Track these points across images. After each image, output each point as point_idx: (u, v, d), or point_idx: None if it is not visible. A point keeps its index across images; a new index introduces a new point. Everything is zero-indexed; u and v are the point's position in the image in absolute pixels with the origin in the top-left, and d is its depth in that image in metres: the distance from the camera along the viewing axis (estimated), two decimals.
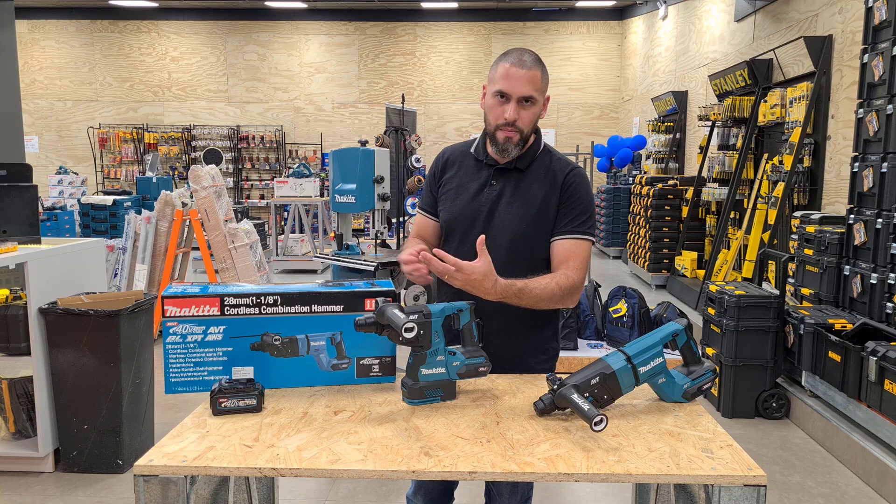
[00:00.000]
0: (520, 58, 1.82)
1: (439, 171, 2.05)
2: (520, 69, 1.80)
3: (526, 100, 1.83)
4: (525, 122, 1.85)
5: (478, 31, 13.55)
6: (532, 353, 1.99)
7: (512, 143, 1.86)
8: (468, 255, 1.78)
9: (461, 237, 1.95)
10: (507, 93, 1.82)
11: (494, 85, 1.85)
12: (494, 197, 1.92)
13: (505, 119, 1.83)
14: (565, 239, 1.88)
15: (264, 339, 1.71)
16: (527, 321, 1.94)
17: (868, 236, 3.98)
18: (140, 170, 13.76)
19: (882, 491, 3.24)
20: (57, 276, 3.34)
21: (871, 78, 4.04)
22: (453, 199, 1.98)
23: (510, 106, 1.82)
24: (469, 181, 1.97)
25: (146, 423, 3.47)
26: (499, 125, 1.85)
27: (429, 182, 2.07)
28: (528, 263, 1.88)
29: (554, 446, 1.42)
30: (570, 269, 1.84)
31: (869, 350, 3.40)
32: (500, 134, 1.86)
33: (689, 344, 1.73)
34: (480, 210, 1.92)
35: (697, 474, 1.31)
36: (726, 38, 7.94)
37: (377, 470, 1.33)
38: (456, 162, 2.03)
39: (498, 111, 1.85)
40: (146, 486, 1.34)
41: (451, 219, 1.97)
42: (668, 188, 8.15)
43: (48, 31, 13.77)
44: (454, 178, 2.00)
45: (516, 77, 1.80)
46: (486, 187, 1.94)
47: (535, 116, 1.87)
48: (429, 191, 2.07)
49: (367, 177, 4.09)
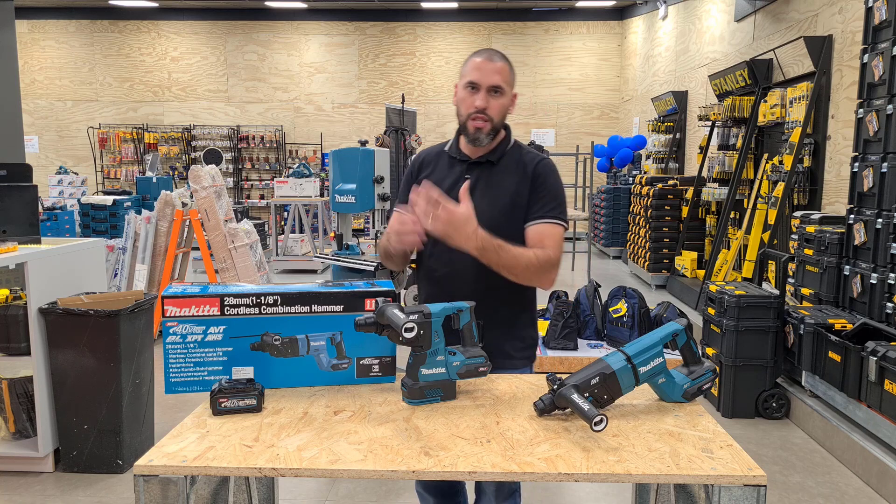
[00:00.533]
0: (489, 54, 1.97)
1: (416, 171, 2.16)
2: (489, 62, 1.94)
3: (495, 90, 1.94)
4: (494, 111, 1.95)
5: (478, 31, 13.55)
6: (509, 339, 2.04)
7: (483, 132, 1.96)
8: (444, 251, 1.90)
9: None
10: (477, 83, 1.94)
11: (465, 78, 1.97)
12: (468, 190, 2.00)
13: (475, 107, 1.94)
14: (538, 223, 1.97)
15: (264, 339, 1.71)
16: (506, 307, 2.01)
17: (868, 236, 3.98)
18: (140, 170, 13.76)
19: (882, 491, 3.24)
20: (57, 276, 3.34)
21: (871, 78, 4.04)
22: None
23: (480, 94, 1.94)
24: (445, 177, 2.07)
25: (146, 423, 3.47)
26: (470, 114, 1.96)
27: (406, 182, 2.17)
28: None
29: (554, 446, 1.42)
30: (547, 247, 1.92)
31: (869, 350, 3.40)
32: (472, 124, 1.96)
33: (689, 344, 1.73)
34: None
35: (697, 474, 1.31)
36: (726, 38, 7.94)
37: (377, 470, 1.33)
38: (431, 162, 2.14)
39: (469, 101, 1.96)
40: (146, 486, 1.34)
41: None
42: (668, 188, 8.15)
43: (48, 31, 13.77)
44: (431, 176, 2.09)
45: (485, 68, 1.93)
46: (460, 181, 2.02)
47: (504, 108, 1.98)
48: (406, 190, 2.15)
49: (367, 177, 4.09)
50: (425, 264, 2.10)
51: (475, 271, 1.92)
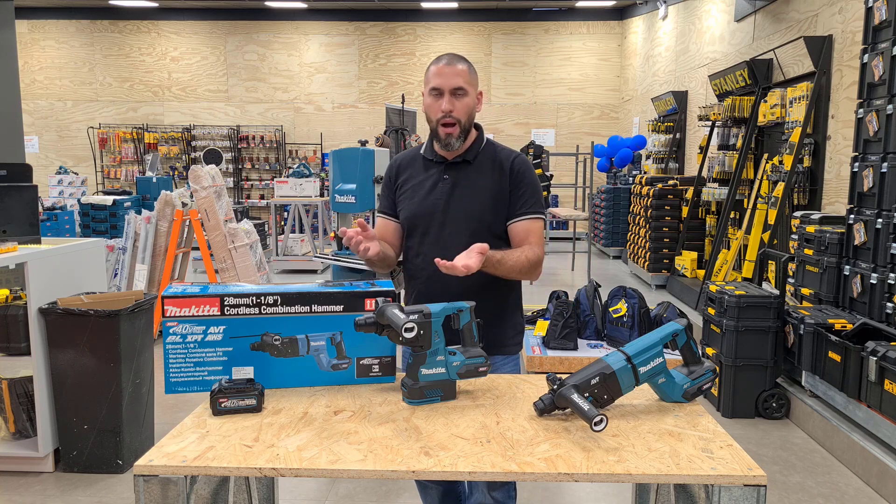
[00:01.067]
0: (448, 58, 2.04)
1: (394, 175, 2.22)
2: (448, 66, 2.02)
3: (458, 91, 2.01)
4: (460, 112, 2.02)
5: (478, 31, 13.55)
6: (500, 327, 2.14)
7: (453, 136, 2.04)
8: (432, 245, 2.05)
9: (423, 230, 2.12)
10: (439, 87, 2.01)
11: (429, 84, 2.04)
12: (448, 189, 2.10)
13: (442, 111, 2.01)
14: (522, 220, 2.08)
15: (264, 339, 1.71)
16: (494, 299, 2.10)
17: (868, 236, 3.98)
18: (140, 170, 13.76)
19: (882, 491, 3.24)
20: (57, 276, 3.34)
21: (871, 78, 4.04)
22: (411, 198, 2.15)
23: (444, 98, 2.01)
24: (423, 179, 2.15)
25: (146, 423, 3.47)
26: (438, 120, 2.03)
27: (386, 187, 2.24)
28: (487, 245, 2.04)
29: (554, 446, 1.42)
30: (534, 245, 2.05)
31: (869, 350, 3.40)
32: (442, 130, 2.04)
33: (689, 344, 1.73)
34: (437, 203, 2.09)
35: (697, 474, 1.31)
36: (726, 38, 7.94)
37: (377, 470, 1.33)
38: (408, 165, 2.20)
39: (435, 107, 2.03)
40: (146, 486, 1.34)
41: (411, 215, 2.13)
42: (668, 188, 8.15)
43: (48, 31, 13.77)
44: (409, 180, 2.17)
45: (446, 73, 2.01)
46: (439, 182, 2.11)
47: (471, 108, 2.05)
48: (386, 195, 2.24)
49: (367, 177, 4.09)
50: (412, 263, 2.16)
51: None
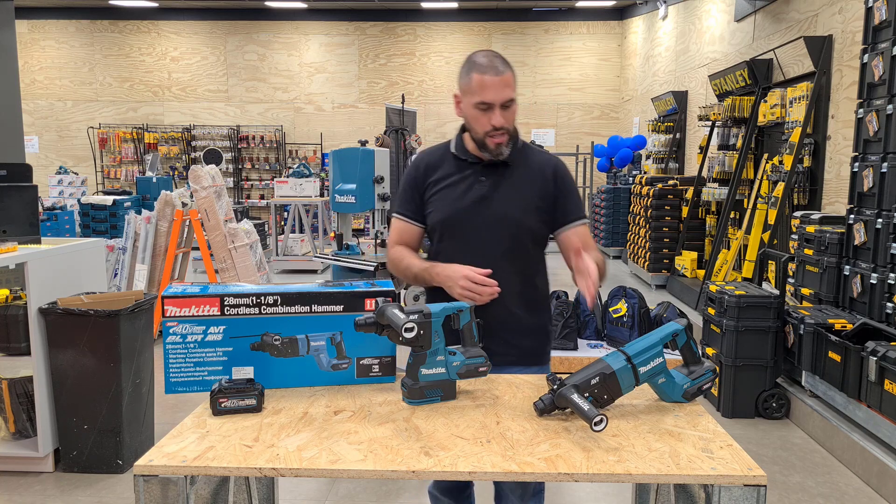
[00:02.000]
0: (492, 65, 1.87)
1: (421, 175, 2.07)
2: (495, 76, 1.86)
3: (508, 104, 1.90)
4: (510, 121, 1.94)
5: (478, 31, 13.54)
6: (539, 338, 2.07)
7: (503, 146, 1.95)
8: (469, 251, 1.94)
9: (459, 235, 2.00)
10: (490, 102, 1.88)
11: (474, 97, 1.89)
12: (487, 192, 1.98)
13: (493, 126, 1.90)
14: (574, 227, 2.02)
15: (264, 339, 1.71)
16: (530, 309, 2.03)
17: (868, 236, 3.98)
18: (140, 170, 13.76)
19: (882, 491, 3.24)
20: (57, 276, 3.34)
21: (871, 78, 4.04)
22: (444, 200, 2.01)
23: (495, 114, 1.89)
24: (458, 180, 2.02)
25: (146, 423, 3.47)
26: (487, 132, 1.91)
27: (410, 188, 2.08)
28: (525, 253, 2.01)
29: (554, 446, 1.42)
30: (594, 249, 1.98)
31: (869, 350, 3.40)
32: (491, 141, 1.93)
33: (689, 344, 1.73)
34: (476, 206, 1.98)
35: (697, 474, 1.31)
36: (726, 38, 7.94)
37: (377, 470, 1.33)
38: (438, 165, 2.06)
39: (483, 120, 1.91)
40: (146, 486, 1.34)
41: (446, 218, 2.01)
42: (668, 188, 8.15)
43: (48, 31, 13.77)
44: (441, 180, 2.04)
45: (493, 86, 1.86)
46: (475, 184, 1.99)
47: (515, 113, 1.97)
48: (410, 197, 2.08)
49: (367, 177, 4.09)
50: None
51: (501, 274, 1.90)
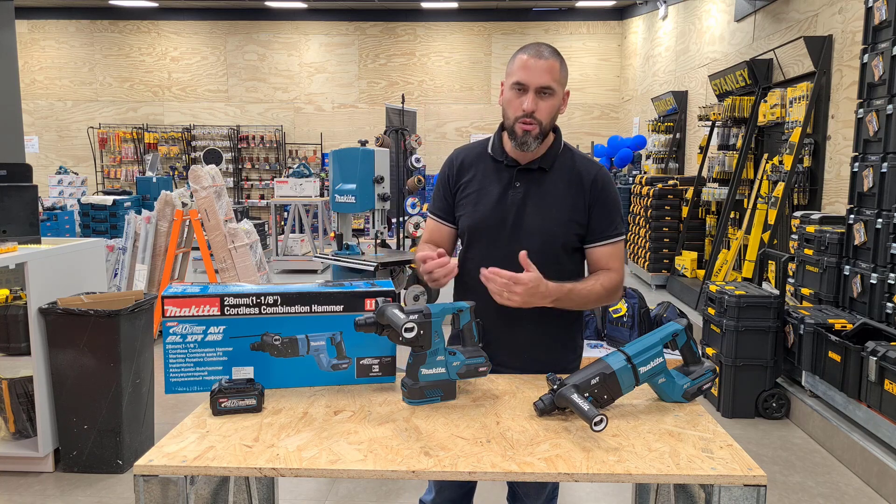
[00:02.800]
0: (537, 49, 1.80)
1: (454, 174, 1.97)
2: (537, 59, 1.78)
3: (544, 91, 1.79)
4: (543, 113, 1.80)
5: (478, 31, 13.55)
6: (567, 351, 2.00)
7: (531, 136, 1.81)
8: (495, 260, 1.78)
9: (488, 243, 1.91)
10: (524, 83, 1.78)
11: (512, 77, 1.81)
12: (520, 200, 1.88)
13: (523, 110, 1.79)
14: (604, 245, 1.90)
15: (264, 339, 1.71)
16: (557, 324, 1.93)
17: (868, 236, 3.98)
18: (140, 170, 13.76)
19: (882, 491, 3.24)
20: (57, 276, 3.34)
21: (871, 78, 4.04)
22: (475, 204, 1.92)
23: (528, 97, 1.79)
24: (490, 184, 1.91)
25: (146, 423, 3.47)
26: (517, 117, 1.81)
27: (442, 186, 1.99)
28: (557, 264, 1.88)
29: (554, 446, 1.42)
30: (613, 271, 1.89)
31: (869, 350, 3.40)
32: (519, 127, 1.81)
33: (689, 344, 1.73)
34: (507, 214, 1.88)
35: (697, 474, 1.30)
36: (726, 38, 7.94)
37: (377, 470, 1.33)
38: (472, 164, 1.96)
39: (516, 103, 1.81)
40: (146, 486, 1.34)
41: (475, 224, 1.92)
42: (668, 188, 8.15)
43: (48, 31, 13.77)
44: (473, 182, 1.93)
45: (534, 67, 1.77)
46: (509, 190, 1.89)
47: (555, 109, 1.83)
48: (442, 195, 1.99)
49: (367, 177, 4.09)
50: (471, 276, 1.90)
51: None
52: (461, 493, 2.09)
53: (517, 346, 1.92)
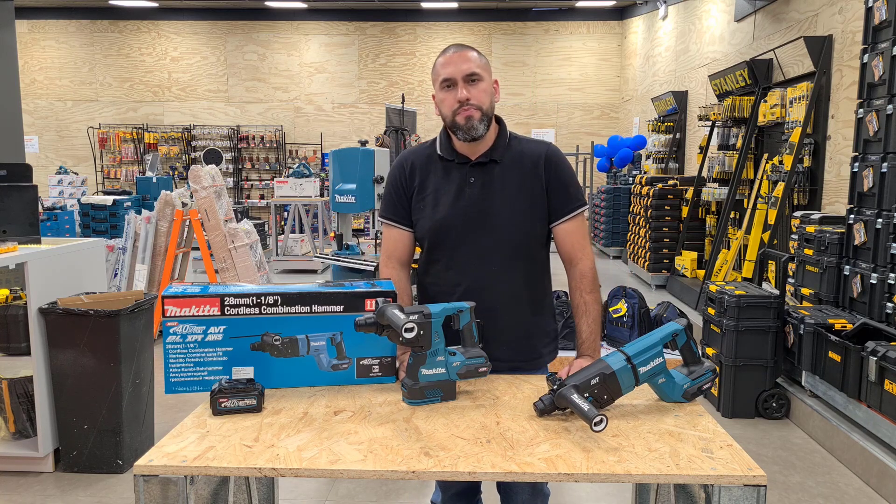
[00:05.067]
0: (454, 48, 1.86)
1: (407, 178, 1.96)
2: (456, 54, 1.84)
3: (471, 77, 1.83)
4: (479, 98, 1.83)
5: (478, 31, 13.54)
6: (539, 337, 2.02)
7: (475, 119, 1.83)
8: (463, 260, 1.87)
9: (454, 242, 1.91)
10: (450, 77, 1.83)
11: (438, 79, 1.85)
12: (477, 195, 1.89)
13: (458, 101, 1.82)
14: (567, 221, 1.93)
15: (264, 339, 1.71)
16: (531, 309, 1.97)
17: (868, 236, 3.98)
18: (140, 170, 13.76)
19: (882, 491, 3.24)
20: (57, 276, 3.34)
21: (871, 78, 4.04)
22: (434, 206, 1.91)
23: (459, 88, 1.82)
24: (445, 184, 1.91)
25: (146, 423, 3.47)
26: (455, 109, 1.83)
27: (394, 191, 1.98)
28: (528, 255, 1.94)
29: (554, 446, 1.42)
30: (583, 259, 1.93)
31: (869, 350, 3.40)
32: (461, 116, 1.83)
33: (688, 344, 1.73)
34: (468, 211, 1.89)
35: (697, 474, 1.30)
36: (726, 38, 7.94)
37: (377, 470, 1.33)
38: (422, 166, 1.96)
39: (449, 99, 1.84)
40: (146, 486, 1.34)
41: (438, 226, 1.91)
42: (668, 188, 8.15)
43: (48, 31, 13.77)
44: (427, 183, 1.93)
45: (454, 61, 1.83)
46: (465, 187, 1.90)
47: (488, 94, 1.86)
48: (396, 200, 1.97)
49: (367, 177, 4.09)
50: (441, 277, 1.94)
51: (504, 280, 1.90)
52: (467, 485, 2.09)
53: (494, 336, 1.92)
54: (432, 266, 1.97)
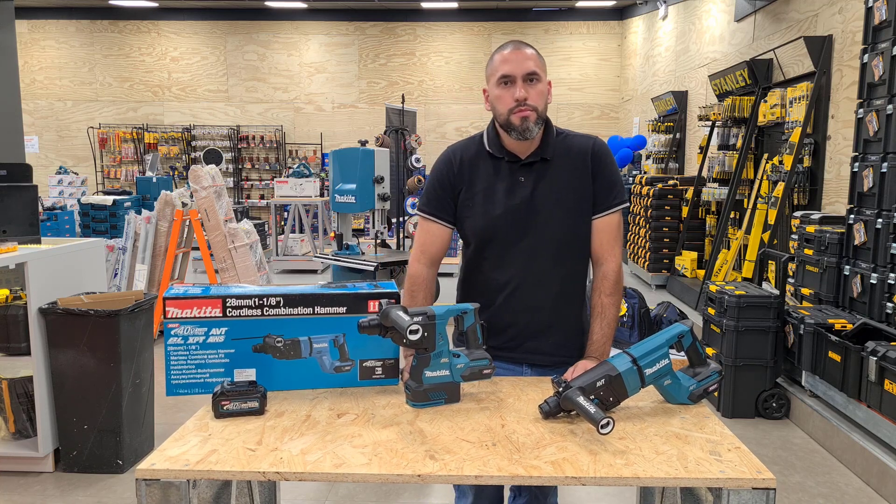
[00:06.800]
0: (515, 44, 1.83)
1: (455, 174, 1.91)
2: (517, 51, 1.81)
3: (531, 77, 1.79)
4: (535, 99, 1.80)
5: (478, 31, 13.53)
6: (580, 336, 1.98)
7: (530, 121, 1.79)
8: (513, 258, 1.86)
9: (505, 242, 1.88)
10: (510, 74, 1.79)
11: (496, 74, 1.81)
12: (528, 195, 1.86)
13: (515, 100, 1.78)
14: (604, 216, 1.90)
15: (267, 341, 1.70)
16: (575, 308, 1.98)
17: (868, 236, 3.97)
18: (140, 170, 13.74)
19: (882, 491, 3.23)
20: (57, 276, 3.33)
21: (871, 78, 4.03)
22: (485, 204, 1.88)
23: (517, 86, 1.78)
24: (494, 182, 1.88)
25: (146, 423, 3.46)
26: (511, 108, 1.79)
27: (440, 185, 1.92)
28: (575, 254, 1.92)
29: (560, 449, 1.41)
30: (608, 263, 1.90)
31: (869, 350, 3.40)
32: (516, 117, 1.79)
33: (694, 345, 1.72)
34: (519, 211, 1.86)
35: (706, 477, 1.30)
36: (726, 38, 7.93)
37: (382, 474, 1.32)
38: (471, 162, 1.91)
39: (506, 97, 1.80)
40: (148, 489, 1.33)
41: (487, 226, 1.88)
42: (668, 188, 8.14)
43: (48, 31, 13.74)
44: (476, 181, 1.89)
45: (516, 58, 1.79)
46: (516, 186, 1.86)
47: (544, 96, 1.83)
48: (442, 195, 1.91)
49: (367, 177, 4.08)
50: (489, 276, 1.91)
51: (554, 277, 1.89)
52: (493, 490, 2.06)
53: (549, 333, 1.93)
54: (482, 264, 1.93)
